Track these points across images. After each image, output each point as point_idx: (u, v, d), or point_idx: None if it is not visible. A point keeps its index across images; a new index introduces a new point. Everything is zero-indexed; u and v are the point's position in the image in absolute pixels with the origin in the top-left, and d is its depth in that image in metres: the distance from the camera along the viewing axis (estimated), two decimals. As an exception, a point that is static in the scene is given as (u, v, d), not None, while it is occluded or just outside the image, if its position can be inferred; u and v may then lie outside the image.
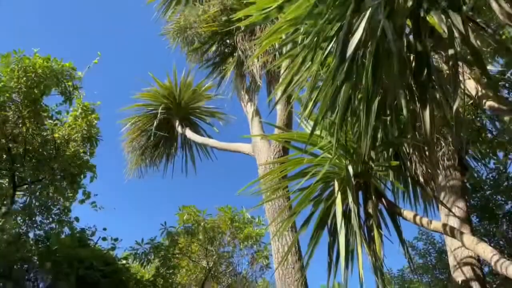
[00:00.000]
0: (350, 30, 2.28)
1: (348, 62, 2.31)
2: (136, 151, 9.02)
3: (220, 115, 9.78)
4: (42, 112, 5.84)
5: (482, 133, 4.58)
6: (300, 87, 3.41)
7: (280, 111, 6.38)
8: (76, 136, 5.90)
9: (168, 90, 9.06)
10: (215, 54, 8.23)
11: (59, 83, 5.84)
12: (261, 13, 2.91)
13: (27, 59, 5.59)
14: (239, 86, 7.89)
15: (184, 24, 7.68)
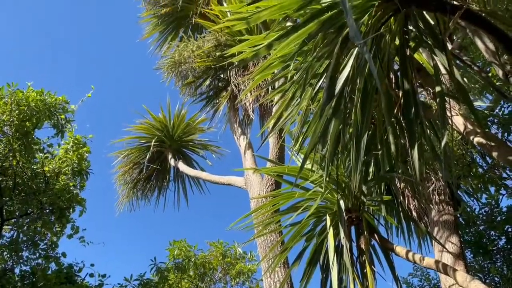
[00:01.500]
0: (338, 68, 2.32)
1: (336, 98, 2.34)
2: (128, 184, 8.96)
3: (213, 148, 9.82)
4: (34, 145, 5.81)
5: (472, 168, 4.60)
6: (292, 121, 3.44)
7: (272, 145, 6.41)
8: (66, 169, 5.85)
9: (161, 123, 9.11)
10: (209, 88, 8.34)
11: (51, 116, 5.85)
12: (251, 50, 2.97)
13: (20, 92, 5.62)
14: (232, 119, 7.96)
15: (178, 59, 7.80)
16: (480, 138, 2.62)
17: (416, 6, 2.37)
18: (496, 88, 3.10)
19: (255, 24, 2.88)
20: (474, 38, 3.28)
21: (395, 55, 2.87)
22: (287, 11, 2.64)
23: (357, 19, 2.60)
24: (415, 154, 2.53)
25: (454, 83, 2.54)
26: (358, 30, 1.77)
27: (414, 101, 2.52)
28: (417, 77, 3.05)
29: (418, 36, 2.77)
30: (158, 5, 9.23)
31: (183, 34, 9.42)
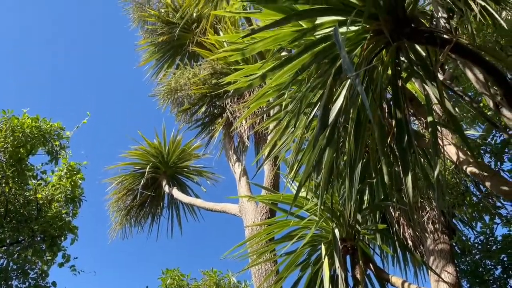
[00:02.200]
0: (331, 98, 2.36)
1: (329, 128, 2.36)
2: (121, 211, 8.87)
3: (208, 174, 9.79)
4: (27, 171, 5.78)
5: (467, 197, 4.61)
6: (286, 149, 3.46)
7: (267, 172, 6.41)
8: (59, 196, 5.80)
9: (156, 149, 9.11)
10: (204, 114, 8.38)
11: (46, 142, 5.84)
12: (246, 80, 3.01)
13: (16, 119, 5.63)
14: (227, 146, 7.98)
15: (175, 86, 7.88)
16: (473, 168, 2.64)
17: (407, 39, 2.43)
18: (488, 118, 3.15)
19: (251, 54, 2.93)
20: (465, 69, 3.35)
21: (388, 85, 2.92)
22: (282, 43, 2.69)
23: (350, 51, 2.65)
24: (409, 183, 2.54)
25: (446, 113, 2.58)
26: (350, 62, 1.81)
27: (407, 130, 2.54)
28: (409, 106, 3.10)
29: (410, 67, 2.82)
30: (155, 34, 9.39)
31: (179, 62, 9.55)
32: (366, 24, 2.49)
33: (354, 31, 2.59)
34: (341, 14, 2.54)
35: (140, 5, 9.20)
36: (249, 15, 3.53)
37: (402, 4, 2.45)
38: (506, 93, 2.16)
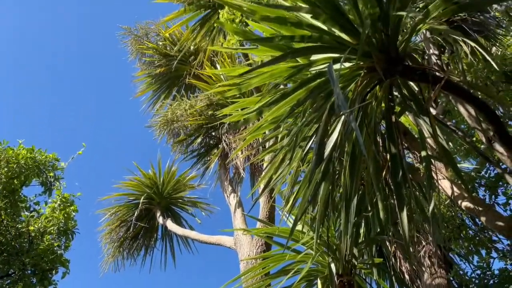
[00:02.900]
0: (326, 133, 2.39)
1: (325, 163, 2.38)
2: (114, 242, 8.74)
3: (203, 205, 9.72)
4: (20, 202, 5.72)
5: (462, 230, 4.60)
6: (282, 181, 3.47)
7: (263, 204, 6.38)
8: (52, 229, 5.72)
9: (151, 179, 9.09)
10: (200, 145, 8.41)
11: (40, 173, 5.82)
12: (242, 114, 3.05)
13: (11, 150, 5.63)
14: (222, 177, 7.97)
15: (171, 117, 7.94)
16: (467, 202, 2.65)
17: (400, 76, 2.49)
18: (481, 152, 3.19)
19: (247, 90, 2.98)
20: (457, 103, 3.42)
21: (382, 119, 2.97)
22: (278, 78, 2.75)
23: (344, 86, 2.71)
24: (404, 218, 2.54)
25: (439, 147, 2.61)
26: (344, 99, 1.85)
27: (401, 165, 2.57)
28: (403, 140, 3.13)
29: (403, 102, 2.88)
30: (152, 66, 9.53)
31: (176, 93, 9.67)
32: (359, 62, 2.55)
33: (348, 68, 2.65)
34: (335, 52, 2.61)
35: (138, 38, 9.38)
36: (246, 51, 3.61)
37: (394, 43, 2.52)
38: (497, 129, 2.21)
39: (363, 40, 2.19)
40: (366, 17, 2.41)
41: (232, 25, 3.55)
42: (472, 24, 4.28)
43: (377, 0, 2.33)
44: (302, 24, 2.55)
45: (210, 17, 8.09)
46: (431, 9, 2.37)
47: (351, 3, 2.52)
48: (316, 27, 2.56)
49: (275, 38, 2.43)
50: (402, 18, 2.35)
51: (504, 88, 3.91)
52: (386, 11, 2.41)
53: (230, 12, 4.11)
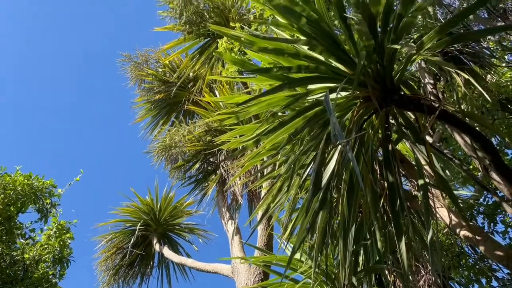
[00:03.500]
0: (324, 162, 2.40)
1: (322, 192, 2.38)
2: (109, 270, 8.59)
3: (200, 232, 9.61)
4: (16, 229, 5.66)
5: (462, 259, 4.56)
6: (280, 209, 3.45)
7: (261, 231, 6.32)
8: (47, 257, 5.64)
9: (148, 205, 9.02)
10: (198, 171, 8.40)
11: (37, 200, 5.79)
12: (240, 140, 3.07)
13: (8, 176, 5.62)
14: (220, 203, 7.93)
15: (169, 143, 7.95)
16: (466, 231, 2.64)
17: (396, 105, 2.52)
18: (478, 181, 3.20)
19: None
20: (453, 132, 3.45)
21: (379, 146, 2.99)
22: (275, 107, 2.78)
23: (341, 115, 2.74)
24: (403, 247, 2.52)
25: (436, 176, 2.62)
26: (340, 130, 1.87)
27: (398, 194, 2.57)
28: (401, 168, 3.14)
29: (399, 130, 2.91)
30: (151, 92, 9.62)
31: (174, 119, 9.73)
32: (356, 91, 2.59)
33: (344, 97, 2.69)
34: (332, 81, 2.66)
35: (138, 64, 9.50)
36: (244, 80, 3.67)
37: (390, 73, 2.56)
38: (493, 159, 2.22)
39: (359, 71, 2.24)
40: (361, 49, 2.47)
41: (231, 55, 3.62)
42: (467, 54, 4.37)
43: (372, 33, 2.38)
44: (300, 55, 2.61)
45: (209, 45, 8.24)
46: (425, 41, 2.42)
47: (346, 35, 2.58)
48: (313, 58, 2.61)
49: (273, 68, 2.48)
50: (397, 49, 2.40)
51: (500, 116, 3.96)
52: (381, 43, 2.47)
53: (228, 41, 4.19)
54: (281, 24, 2.78)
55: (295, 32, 2.73)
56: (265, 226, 6.26)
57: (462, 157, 4.54)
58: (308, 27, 2.47)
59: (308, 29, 2.49)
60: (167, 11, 7.52)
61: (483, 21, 4.56)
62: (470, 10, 2.41)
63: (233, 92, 7.43)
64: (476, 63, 4.41)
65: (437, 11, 4.73)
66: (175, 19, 7.56)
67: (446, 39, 2.41)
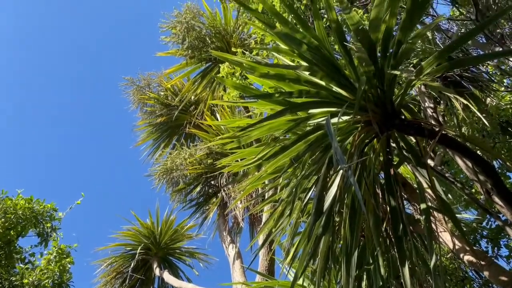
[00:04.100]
0: (325, 187, 2.40)
1: (324, 217, 2.38)
2: (108, 295, 8.48)
3: (201, 256, 9.51)
4: (15, 254, 5.61)
5: (466, 284, 4.49)
6: (282, 233, 3.43)
7: (262, 255, 6.26)
8: (46, 282, 5.57)
9: (149, 229, 8.97)
10: (199, 194, 8.38)
11: (37, 224, 5.76)
12: (241, 164, 3.08)
13: (9, 200, 5.61)
14: (221, 226, 7.87)
15: (171, 166, 7.97)
16: (469, 256, 2.61)
17: (397, 130, 2.54)
18: (480, 204, 3.19)
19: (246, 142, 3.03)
20: (454, 155, 3.46)
21: (380, 170, 2.99)
22: (277, 131, 2.80)
23: (342, 140, 2.76)
24: (406, 272, 2.49)
25: (438, 199, 2.61)
26: (342, 155, 1.88)
27: (401, 218, 2.56)
28: (402, 192, 3.14)
29: (401, 154, 2.91)
30: (153, 115, 9.70)
31: (176, 142, 9.77)
32: (357, 115, 2.61)
33: (346, 121, 2.71)
34: (333, 106, 2.68)
35: (140, 88, 9.60)
36: (245, 104, 3.70)
37: (390, 97, 2.59)
38: (495, 183, 2.22)
39: (360, 96, 2.26)
40: (361, 74, 2.50)
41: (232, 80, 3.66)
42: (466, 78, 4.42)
43: (372, 58, 2.42)
44: (301, 80, 2.64)
45: (211, 69, 8.35)
46: (425, 66, 2.45)
47: (346, 60, 2.62)
48: (314, 83, 2.64)
49: (274, 94, 2.51)
50: (397, 75, 2.43)
51: (501, 140, 3.97)
52: (381, 68, 2.50)
53: (230, 66, 4.25)
54: (282, 50, 2.83)
55: (296, 57, 2.77)
56: (267, 251, 6.19)
57: (464, 180, 4.53)
58: (309, 53, 2.51)
59: (309, 55, 2.54)
60: (169, 36, 7.65)
61: (481, 45, 4.64)
62: (468, 37, 2.46)
63: (234, 116, 7.48)
64: (476, 86, 4.45)
65: (436, 36, 4.81)
66: (178, 44, 7.69)
67: (445, 64, 2.45)
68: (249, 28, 7.97)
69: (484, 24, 2.46)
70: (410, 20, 2.43)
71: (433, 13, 4.37)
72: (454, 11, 5.14)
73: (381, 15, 2.33)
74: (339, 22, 2.62)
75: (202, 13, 8.07)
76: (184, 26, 7.30)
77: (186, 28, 7.29)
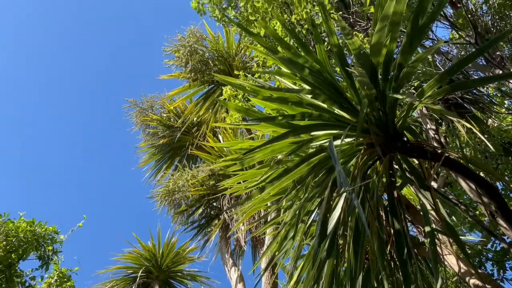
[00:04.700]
0: (329, 210, 2.40)
1: (329, 240, 2.36)
2: (108, 320, 8.34)
3: (203, 279, 9.39)
4: (16, 277, 5.55)
5: (473, 308, 4.39)
6: (285, 256, 3.40)
7: (265, 279, 6.17)
8: (47, 305, 5.51)
9: (150, 252, 8.88)
10: (201, 216, 8.34)
11: (39, 247, 5.73)
12: (243, 187, 3.07)
13: (11, 222, 5.59)
14: (223, 249, 7.80)
15: (173, 187, 7.95)
16: (475, 280, 2.58)
17: (399, 152, 2.54)
18: (484, 227, 3.17)
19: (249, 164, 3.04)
20: (457, 178, 3.45)
21: (384, 191, 2.98)
22: (279, 154, 2.81)
23: (345, 162, 2.76)
24: (412, 297, 2.46)
25: (442, 222, 2.60)
26: (345, 178, 1.88)
27: (405, 241, 2.54)
28: (406, 214, 3.12)
29: (404, 176, 2.91)
30: (156, 137, 9.73)
31: (178, 164, 9.77)
32: (359, 138, 2.63)
33: (348, 144, 2.72)
34: (335, 128, 2.70)
35: (143, 110, 9.67)
36: (248, 127, 3.73)
37: (392, 120, 2.61)
38: (499, 206, 2.21)
39: (362, 119, 2.28)
40: (363, 96, 2.52)
41: (235, 102, 3.70)
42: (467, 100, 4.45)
43: (373, 82, 2.45)
44: (303, 103, 2.66)
45: (213, 91, 8.43)
46: (426, 89, 2.48)
47: (348, 83, 2.65)
48: (316, 106, 2.67)
49: (277, 117, 2.53)
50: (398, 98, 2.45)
51: (503, 161, 3.97)
52: (383, 91, 2.53)
53: (233, 88, 4.29)
54: (285, 73, 2.87)
55: (298, 80, 2.80)
56: (270, 274, 6.12)
57: (467, 201, 4.50)
58: (311, 77, 2.55)
59: (311, 79, 2.57)
60: (173, 59, 7.76)
61: (481, 67, 4.68)
62: (468, 60, 2.48)
63: (236, 137, 7.51)
64: (477, 108, 4.48)
65: (436, 59, 4.87)
66: (181, 67, 7.79)
67: (446, 87, 2.47)
68: (251, 51, 8.08)
69: (483, 48, 2.49)
70: (411, 44, 2.47)
71: (433, 36, 4.43)
72: (453, 34, 5.21)
73: (382, 39, 2.37)
74: (340, 46, 2.67)
75: (205, 37, 8.21)
76: (188, 50, 7.40)
77: (189, 51, 7.40)
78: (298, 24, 4.28)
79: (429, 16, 2.49)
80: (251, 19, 4.05)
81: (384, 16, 2.36)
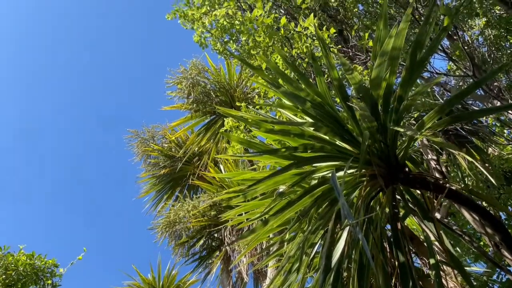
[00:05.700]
0: (333, 243, 2.39)
1: (333, 274, 2.34)
2: None
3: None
4: (13, 312, 5.45)
5: None
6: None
7: (268, 312, 6.04)
8: None
9: (150, 285, 8.74)
10: (202, 247, 8.24)
11: (38, 281, 5.65)
12: (247, 219, 3.06)
13: (11, 256, 5.54)
14: (225, 282, 7.67)
15: (173, 218, 7.90)
16: (483, 314, 2.54)
17: (402, 183, 2.55)
18: (489, 258, 3.13)
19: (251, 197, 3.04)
20: (460, 208, 3.44)
21: (387, 222, 2.97)
22: (282, 185, 2.82)
23: (348, 193, 2.77)
24: (419, 332, 2.41)
25: (446, 253, 2.58)
26: (349, 210, 1.89)
27: (410, 274, 2.51)
28: (410, 246, 3.09)
29: (406, 206, 2.91)
30: (157, 167, 9.75)
31: (179, 194, 9.75)
32: (362, 169, 2.64)
33: (351, 175, 2.73)
34: (337, 160, 2.72)
35: (144, 140, 9.73)
36: (250, 158, 3.75)
37: (394, 151, 2.63)
38: (503, 237, 2.21)
39: (364, 151, 2.30)
40: (364, 128, 2.56)
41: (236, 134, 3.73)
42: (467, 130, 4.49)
43: (374, 114, 2.48)
44: (305, 135, 2.70)
45: (215, 122, 8.51)
46: (426, 121, 2.51)
47: (349, 115, 2.69)
48: (318, 138, 2.70)
49: (280, 149, 2.55)
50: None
51: (506, 191, 3.96)
52: (383, 123, 2.57)
53: (235, 120, 4.34)
54: (286, 106, 2.91)
55: (300, 113, 2.85)
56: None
57: (471, 230, 4.47)
58: (313, 109, 2.59)
59: (312, 112, 2.61)
60: (175, 91, 7.87)
61: (480, 98, 4.75)
62: (467, 92, 2.53)
63: (238, 167, 7.52)
64: (477, 138, 4.51)
65: (434, 90, 4.94)
66: (183, 98, 7.89)
67: (446, 118, 2.51)
68: (252, 83, 8.21)
69: (482, 81, 2.54)
70: (410, 77, 2.53)
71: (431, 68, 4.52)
72: (451, 65, 5.31)
73: (382, 74, 2.43)
74: (340, 79, 2.72)
75: (206, 69, 8.36)
76: (190, 82, 7.52)
77: (191, 83, 7.52)
78: (298, 57, 4.37)
79: (427, 50, 2.55)
80: (252, 53, 4.14)
81: (383, 51, 2.43)
